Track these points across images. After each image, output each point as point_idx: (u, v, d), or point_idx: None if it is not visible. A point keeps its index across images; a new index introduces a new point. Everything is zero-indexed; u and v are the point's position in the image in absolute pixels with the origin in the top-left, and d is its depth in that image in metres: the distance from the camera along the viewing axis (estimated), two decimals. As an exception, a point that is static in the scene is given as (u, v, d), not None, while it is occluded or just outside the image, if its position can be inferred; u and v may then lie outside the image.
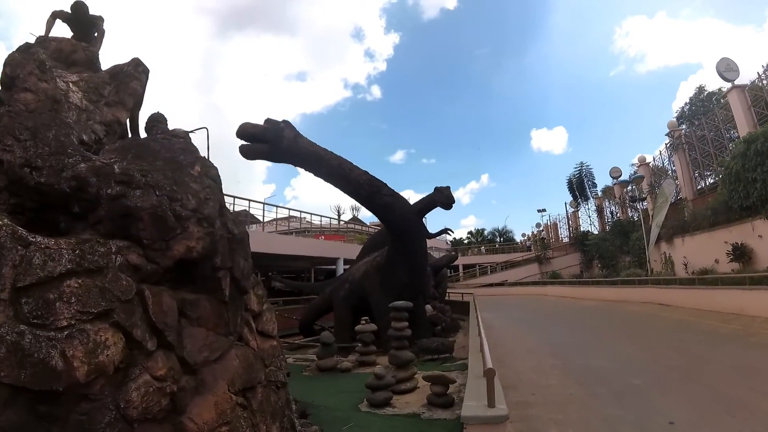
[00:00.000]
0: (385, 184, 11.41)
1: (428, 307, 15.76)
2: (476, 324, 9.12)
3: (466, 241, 67.81)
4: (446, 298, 23.98)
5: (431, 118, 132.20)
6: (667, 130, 30.54)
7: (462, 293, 24.53)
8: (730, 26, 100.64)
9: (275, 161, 10.33)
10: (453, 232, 32.63)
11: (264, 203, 28.83)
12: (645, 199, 30.84)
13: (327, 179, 10.76)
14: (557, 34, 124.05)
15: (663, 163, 32.96)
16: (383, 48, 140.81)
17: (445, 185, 15.56)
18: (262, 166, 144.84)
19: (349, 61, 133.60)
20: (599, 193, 44.87)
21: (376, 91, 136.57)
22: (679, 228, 25.61)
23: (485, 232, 68.27)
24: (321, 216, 33.13)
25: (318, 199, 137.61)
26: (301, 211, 32.61)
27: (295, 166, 10.55)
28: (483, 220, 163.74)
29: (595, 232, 43.51)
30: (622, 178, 35.99)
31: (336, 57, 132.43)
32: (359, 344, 11.00)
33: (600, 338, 13.10)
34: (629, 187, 34.72)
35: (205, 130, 5.95)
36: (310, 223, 36.83)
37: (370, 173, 11.19)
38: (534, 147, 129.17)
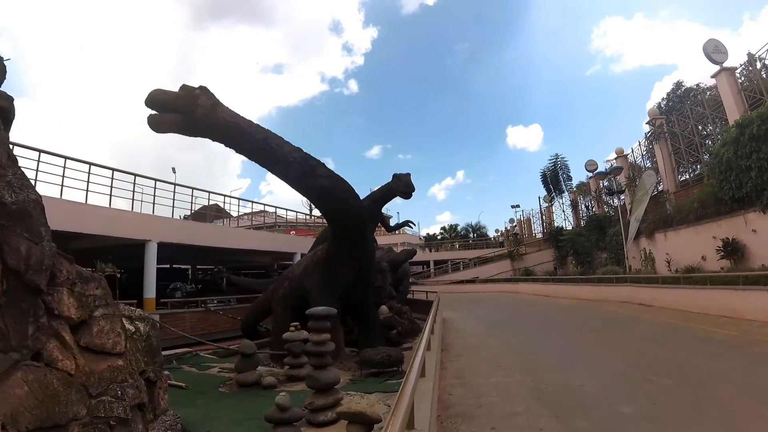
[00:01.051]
0: (322, 164, 9.48)
1: (384, 308, 14.10)
2: (425, 338, 6.97)
3: (439, 237, 67.45)
4: (411, 296, 22.38)
5: (408, 114, 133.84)
6: (646, 120, 28.86)
7: (426, 291, 22.73)
8: (705, 29, 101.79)
9: (189, 134, 8.36)
10: (414, 225, 31.14)
11: (230, 196, 27.13)
12: (623, 191, 29.30)
13: (251, 156, 8.90)
14: (535, 31, 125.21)
15: (641, 158, 31.62)
16: (361, 42, 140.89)
17: (405, 173, 14.24)
18: (237, 160, 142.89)
19: (327, 55, 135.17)
20: (574, 188, 43.50)
21: (354, 86, 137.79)
22: (662, 222, 23.83)
23: (458, 228, 67.55)
24: (292, 211, 31.21)
25: (293, 194, 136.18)
26: (268, 205, 31.04)
27: (213, 140, 8.60)
28: (458, 216, 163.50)
29: (570, 227, 42.21)
30: (598, 171, 34.53)
31: (313, 50, 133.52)
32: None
33: (577, 345, 11.25)
34: (606, 181, 33.39)
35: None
36: (282, 217, 34.97)
37: (305, 151, 9.26)
38: (510, 144, 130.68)
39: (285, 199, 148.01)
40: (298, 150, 9.17)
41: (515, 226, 54.88)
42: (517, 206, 54.21)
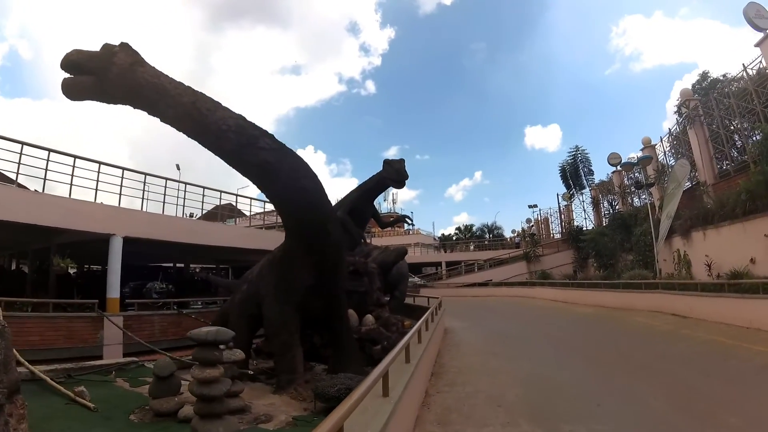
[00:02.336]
0: (269, 135, 7.32)
1: (369, 318, 11.90)
2: (373, 378, 3.90)
3: (454, 238, 65.54)
4: (412, 301, 20.09)
5: (425, 114, 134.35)
6: (677, 101, 26.23)
7: (428, 297, 20.40)
8: (726, 26, 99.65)
9: (107, 101, 6.92)
10: (412, 221, 29.19)
11: (237, 195, 26.07)
12: (653, 184, 26.39)
13: (177, 125, 7.03)
14: (553, 31, 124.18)
15: (670, 153, 28.97)
16: (378, 42, 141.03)
17: (398, 158, 12.45)
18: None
19: (344, 56, 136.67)
20: (595, 185, 40.75)
21: (371, 86, 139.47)
22: (699, 219, 20.60)
23: (474, 228, 65.85)
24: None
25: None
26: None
27: (135, 107, 6.93)
28: (476, 217, 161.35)
29: (591, 227, 39.49)
30: (623, 162, 31.66)
31: (331, 51, 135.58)
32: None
33: (604, 374, 8.74)
34: (630, 178, 30.66)
35: None
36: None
37: (247, 119, 7.17)
38: (528, 144, 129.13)
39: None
40: (238, 117, 7.01)
41: (532, 226, 52.40)
42: (535, 206, 51.88)
